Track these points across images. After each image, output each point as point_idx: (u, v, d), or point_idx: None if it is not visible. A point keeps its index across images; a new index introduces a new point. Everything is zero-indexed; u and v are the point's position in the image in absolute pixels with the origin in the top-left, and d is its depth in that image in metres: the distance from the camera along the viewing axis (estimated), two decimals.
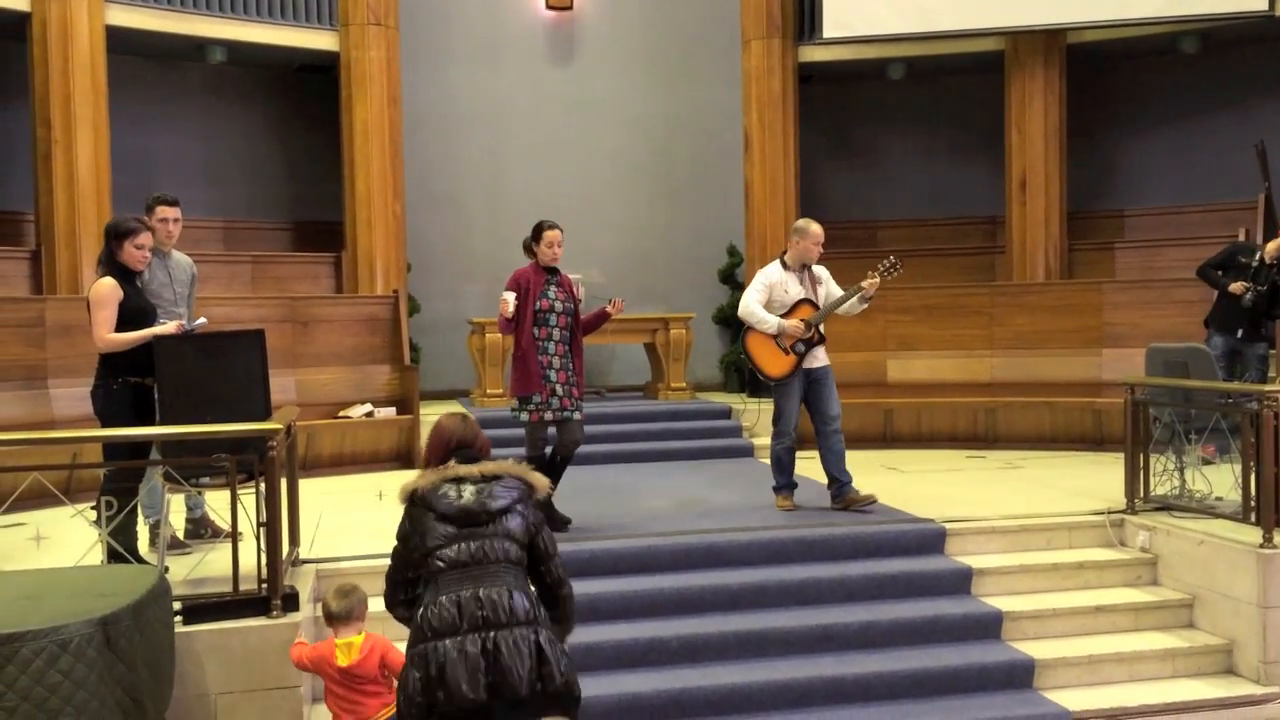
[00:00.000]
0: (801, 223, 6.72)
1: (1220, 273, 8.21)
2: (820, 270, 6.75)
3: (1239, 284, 7.99)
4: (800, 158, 11.16)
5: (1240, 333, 8.06)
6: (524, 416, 6.22)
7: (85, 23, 8.91)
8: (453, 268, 11.62)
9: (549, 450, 6.32)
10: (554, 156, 11.86)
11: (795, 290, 6.60)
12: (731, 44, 11.41)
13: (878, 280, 6.57)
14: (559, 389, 6.19)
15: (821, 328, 6.62)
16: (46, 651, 3.37)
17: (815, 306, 6.61)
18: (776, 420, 6.66)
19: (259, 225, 11.10)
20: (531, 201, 11.72)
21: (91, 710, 3.42)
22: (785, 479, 6.72)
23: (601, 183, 11.81)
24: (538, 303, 6.20)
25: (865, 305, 6.66)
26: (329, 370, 9.33)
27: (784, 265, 6.66)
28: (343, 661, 4.15)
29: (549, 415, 6.20)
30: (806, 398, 6.66)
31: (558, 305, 6.25)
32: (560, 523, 6.11)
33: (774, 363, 6.56)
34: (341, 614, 4.21)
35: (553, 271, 6.34)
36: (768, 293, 6.57)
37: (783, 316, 6.54)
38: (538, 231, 6.34)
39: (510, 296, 6.18)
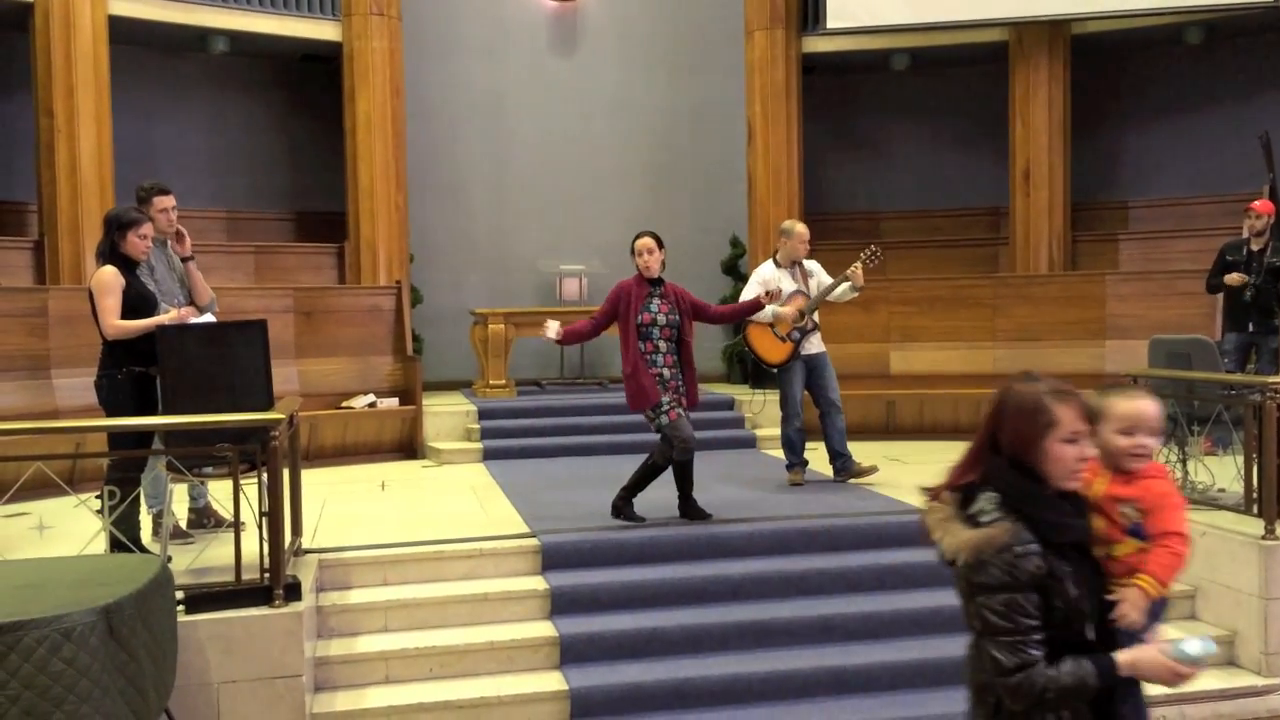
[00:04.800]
0: (787, 224, 7.31)
1: (1222, 279, 8.24)
2: (811, 264, 7.28)
3: (1235, 275, 7.99)
4: (803, 149, 11.13)
5: (1251, 326, 8.04)
6: (663, 420, 6.01)
7: (88, 13, 8.88)
8: (455, 259, 11.60)
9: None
10: (556, 147, 11.83)
11: (788, 285, 7.04)
12: (735, 34, 11.38)
13: (859, 269, 6.98)
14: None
15: (815, 316, 7.12)
16: (49, 640, 3.38)
17: (808, 297, 7.08)
18: (784, 405, 7.16)
19: (262, 216, 11.08)
20: (534, 192, 11.76)
21: (94, 699, 3.43)
22: (796, 457, 7.21)
23: (604, 173, 11.79)
24: (639, 316, 6.02)
25: (857, 294, 7.13)
26: (332, 361, 9.35)
27: (776, 263, 7.17)
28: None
29: (679, 409, 6.05)
30: (808, 383, 7.15)
31: (660, 318, 6.04)
32: (702, 515, 6.16)
33: (772, 350, 7.08)
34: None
35: (656, 283, 6.13)
36: (762, 289, 6.87)
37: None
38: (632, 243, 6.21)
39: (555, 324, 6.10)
